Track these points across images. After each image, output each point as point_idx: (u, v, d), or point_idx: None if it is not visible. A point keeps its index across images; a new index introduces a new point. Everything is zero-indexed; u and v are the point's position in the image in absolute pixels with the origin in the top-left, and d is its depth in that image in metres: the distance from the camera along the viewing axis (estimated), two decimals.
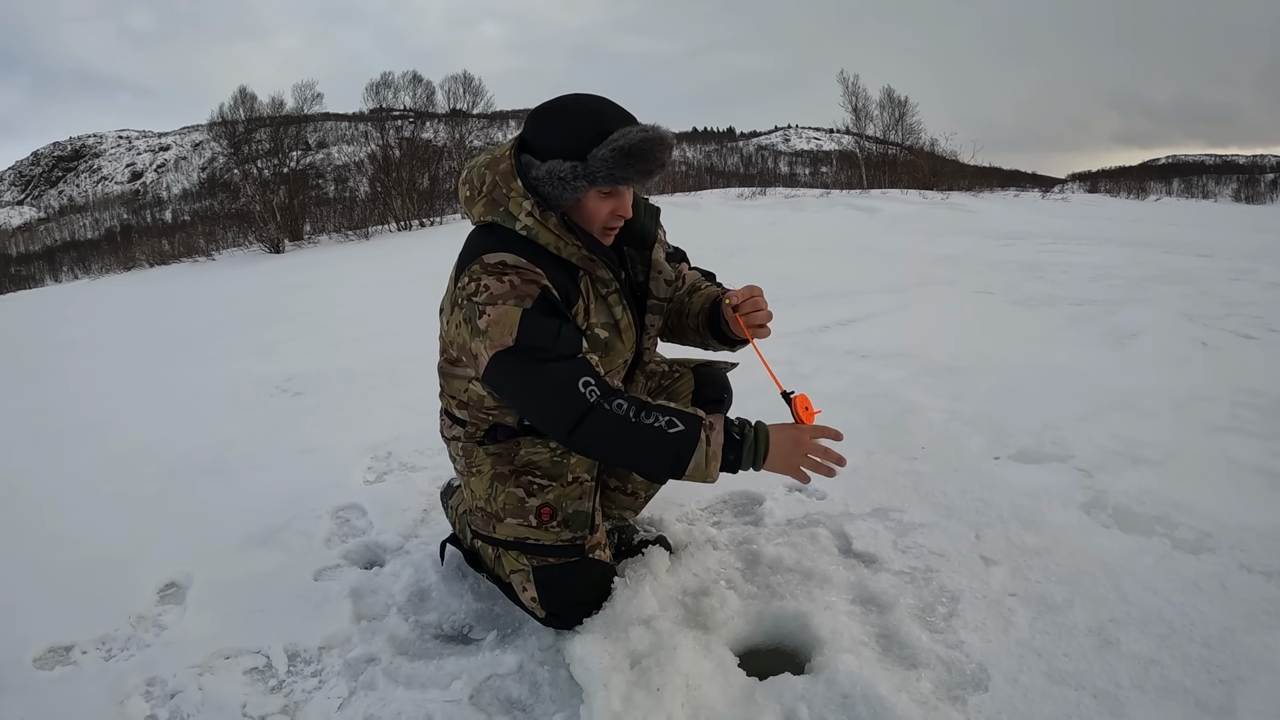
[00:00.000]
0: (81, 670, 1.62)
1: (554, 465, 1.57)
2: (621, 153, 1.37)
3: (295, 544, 2.07)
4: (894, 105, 22.44)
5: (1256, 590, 1.59)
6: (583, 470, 1.58)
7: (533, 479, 1.56)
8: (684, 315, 1.74)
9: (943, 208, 12.25)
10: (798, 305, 4.81)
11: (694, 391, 1.76)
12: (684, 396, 1.75)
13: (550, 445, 1.57)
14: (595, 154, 1.38)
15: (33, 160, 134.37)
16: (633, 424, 1.34)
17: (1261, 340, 3.49)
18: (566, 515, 1.54)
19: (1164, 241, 7.55)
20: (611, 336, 1.54)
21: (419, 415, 2.99)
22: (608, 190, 1.43)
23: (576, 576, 1.54)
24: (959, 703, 1.34)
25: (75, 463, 2.95)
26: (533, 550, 1.54)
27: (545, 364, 1.36)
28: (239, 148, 16.97)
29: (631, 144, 1.37)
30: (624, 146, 1.37)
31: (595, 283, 1.51)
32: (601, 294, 1.52)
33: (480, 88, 18.88)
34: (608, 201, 1.45)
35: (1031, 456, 2.30)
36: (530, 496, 1.55)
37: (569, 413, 1.35)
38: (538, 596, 1.54)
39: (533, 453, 1.57)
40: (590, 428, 1.35)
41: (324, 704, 1.47)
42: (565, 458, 1.57)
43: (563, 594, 1.54)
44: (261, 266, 12.50)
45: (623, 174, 1.38)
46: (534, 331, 1.37)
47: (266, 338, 5.35)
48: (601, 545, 1.60)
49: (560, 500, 1.55)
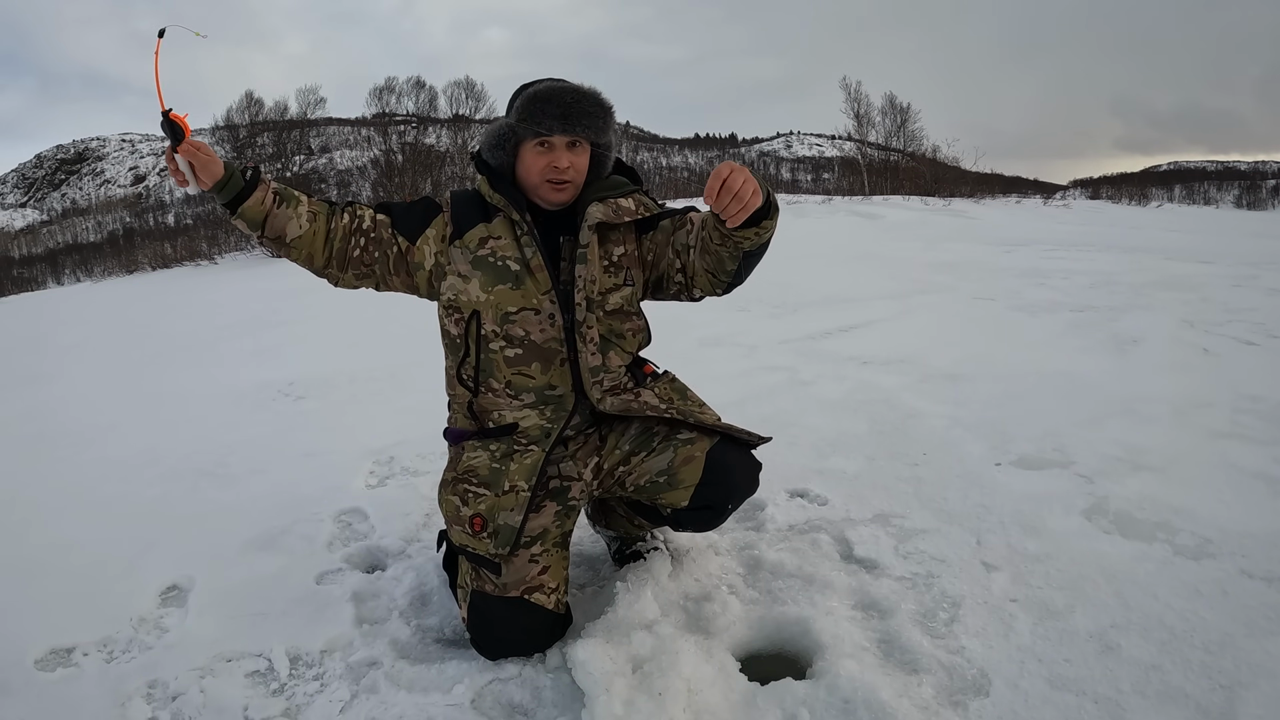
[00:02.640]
0: (83, 672, 1.62)
1: (491, 472, 1.57)
2: (530, 99, 1.52)
3: (297, 547, 2.07)
4: (896, 111, 22.52)
5: (1257, 596, 1.60)
6: (521, 478, 1.55)
7: (469, 487, 1.58)
8: (705, 237, 1.55)
9: (944, 214, 12.27)
10: (799, 311, 4.82)
11: (696, 486, 1.56)
12: (685, 486, 1.56)
13: (490, 449, 1.59)
14: (514, 106, 1.55)
15: (35, 163, 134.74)
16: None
17: (1262, 346, 3.50)
18: (496, 527, 1.53)
19: (1165, 248, 7.56)
20: (521, 270, 1.57)
21: (421, 420, 2.99)
22: (540, 143, 1.54)
23: (503, 615, 1.53)
24: (960, 708, 1.34)
25: (77, 465, 2.95)
26: (470, 558, 1.56)
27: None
28: (242, 152, 17.03)
29: (538, 90, 1.52)
30: (532, 93, 1.52)
31: (512, 225, 1.59)
32: (515, 234, 1.59)
33: (483, 93, 19.00)
34: (542, 156, 1.55)
35: (1033, 463, 2.31)
36: (464, 505, 1.57)
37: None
38: (466, 618, 1.58)
39: (473, 458, 1.60)
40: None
41: (326, 707, 1.47)
42: (504, 463, 1.57)
43: (487, 625, 1.54)
44: (264, 270, 12.51)
45: (535, 119, 1.51)
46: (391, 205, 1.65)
47: (269, 341, 5.35)
48: (544, 588, 1.54)
49: (492, 511, 1.54)
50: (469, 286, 1.57)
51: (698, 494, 1.56)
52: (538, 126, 1.51)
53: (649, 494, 1.60)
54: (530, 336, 1.56)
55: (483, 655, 1.55)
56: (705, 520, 1.61)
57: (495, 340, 1.56)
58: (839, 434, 2.63)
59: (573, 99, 1.51)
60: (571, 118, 1.51)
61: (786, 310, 4.86)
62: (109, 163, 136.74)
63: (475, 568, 1.56)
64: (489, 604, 1.54)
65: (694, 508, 1.57)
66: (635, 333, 1.66)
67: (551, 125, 1.51)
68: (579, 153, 1.56)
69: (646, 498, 1.62)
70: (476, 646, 1.57)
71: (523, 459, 1.56)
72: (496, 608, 1.53)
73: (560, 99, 1.50)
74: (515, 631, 1.53)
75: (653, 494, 1.60)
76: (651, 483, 1.59)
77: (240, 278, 11.53)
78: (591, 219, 1.56)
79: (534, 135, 1.53)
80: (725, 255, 1.51)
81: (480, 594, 1.55)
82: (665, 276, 1.66)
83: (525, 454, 1.57)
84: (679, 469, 1.56)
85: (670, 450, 1.58)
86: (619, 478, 1.63)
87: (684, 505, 1.57)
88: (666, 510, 1.62)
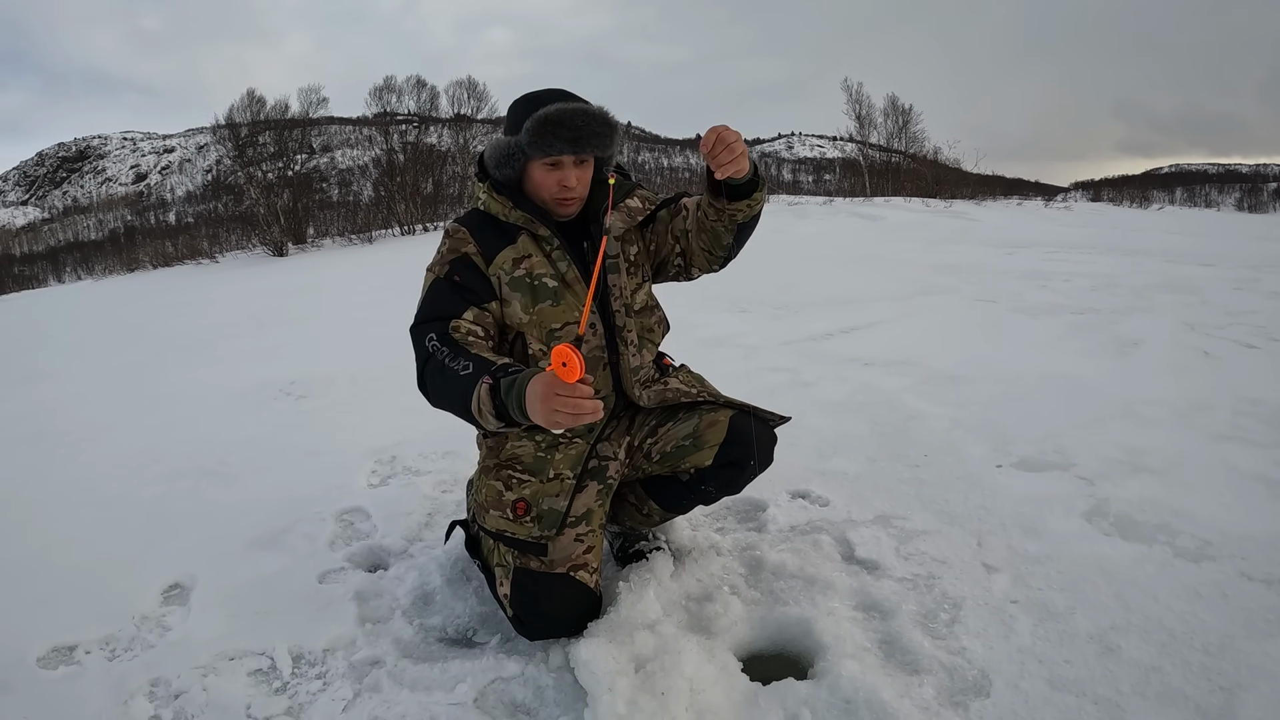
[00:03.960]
0: (85, 670, 1.63)
1: (536, 461, 1.62)
2: (540, 122, 1.51)
3: (299, 546, 2.08)
4: (898, 113, 22.51)
5: (1257, 598, 1.60)
6: (566, 467, 1.61)
7: (513, 473, 1.62)
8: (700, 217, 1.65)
9: (946, 216, 12.27)
10: (800, 312, 4.82)
11: (721, 445, 1.66)
12: (710, 446, 1.66)
13: (535, 440, 1.63)
14: (525, 126, 1.53)
15: (37, 161, 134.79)
16: (446, 368, 1.42)
17: (1263, 350, 3.50)
18: (540, 511, 1.57)
19: (1166, 250, 7.56)
20: (559, 286, 1.60)
21: (423, 420, 2.99)
22: (550, 162, 1.56)
23: (550, 588, 1.55)
24: (961, 708, 1.35)
25: (77, 464, 2.96)
26: (509, 543, 1.58)
27: (423, 329, 1.52)
28: (243, 150, 17.02)
29: (549, 114, 1.51)
30: (543, 116, 1.52)
31: (538, 240, 1.61)
32: (545, 250, 1.61)
33: (484, 93, 18.94)
34: (552, 174, 1.57)
35: (1033, 465, 2.31)
36: (508, 490, 1.60)
37: (419, 363, 1.49)
38: (509, 594, 1.57)
39: (517, 447, 1.64)
40: (428, 373, 1.47)
41: (329, 706, 1.47)
42: (550, 453, 1.62)
43: (532, 600, 1.55)
44: (265, 269, 12.53)
45: (545, 141, 1.52)
46: (432, 298, 1.56)
47: (270, 340, 5.36)
48: (588, 567, 1.58)
49: (536, 496, 1.58)
50: (509, 310, 1.60)
51: (722, 452, 1.65)
52: (549, 150, 1.53)
53: (674, 460, 1.69)
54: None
55: (523, 635, 1.58)
56: (729, 479, 1.70)
57: (543, 359, 1.60)
58: (840, 435, 2.63)
59: (583, 121, 1.53)
60: (582, 140, 1.54)
61: (788, 311, 4.87)
62: (110, 161, 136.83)
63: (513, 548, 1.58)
64: (535, 579, 1.55)
65: (719, 465, 1.66)
66: (659, 324, 1.77)
67: (563, 149, 1.54)
68: (585, 168, 1.61)
69: (671, 465, 1.70)
70: (518, 623, 1.57)
71: (567, 450, 1.62)
72: (544, 582, 1.55)
73: (572, 122, 1.52)
74: (562, 607, 1.55)
75: (678, 459, 1.68)
76: (678, 447, 1.68)
77: (242, 276, 11.53)
78: (616, 230, 1.64)
79: (545, 156, 1.55)
80: (721, 230, 1.61)
81: (525, 570, 1.56)
82: (665, 261, 1.75)
83: (570, 446, 1.63)
84: (704, 431, 1.66)
85: (695, 417, 1.68)
86: (646, 450, 1.72)
87: (709, 465, 1.66)
88: (690, 473, 1.69)
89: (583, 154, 1.57)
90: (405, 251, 12.59)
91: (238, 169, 17.38)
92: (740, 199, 1.53)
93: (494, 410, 1.33)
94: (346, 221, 18.69)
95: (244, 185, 17.06)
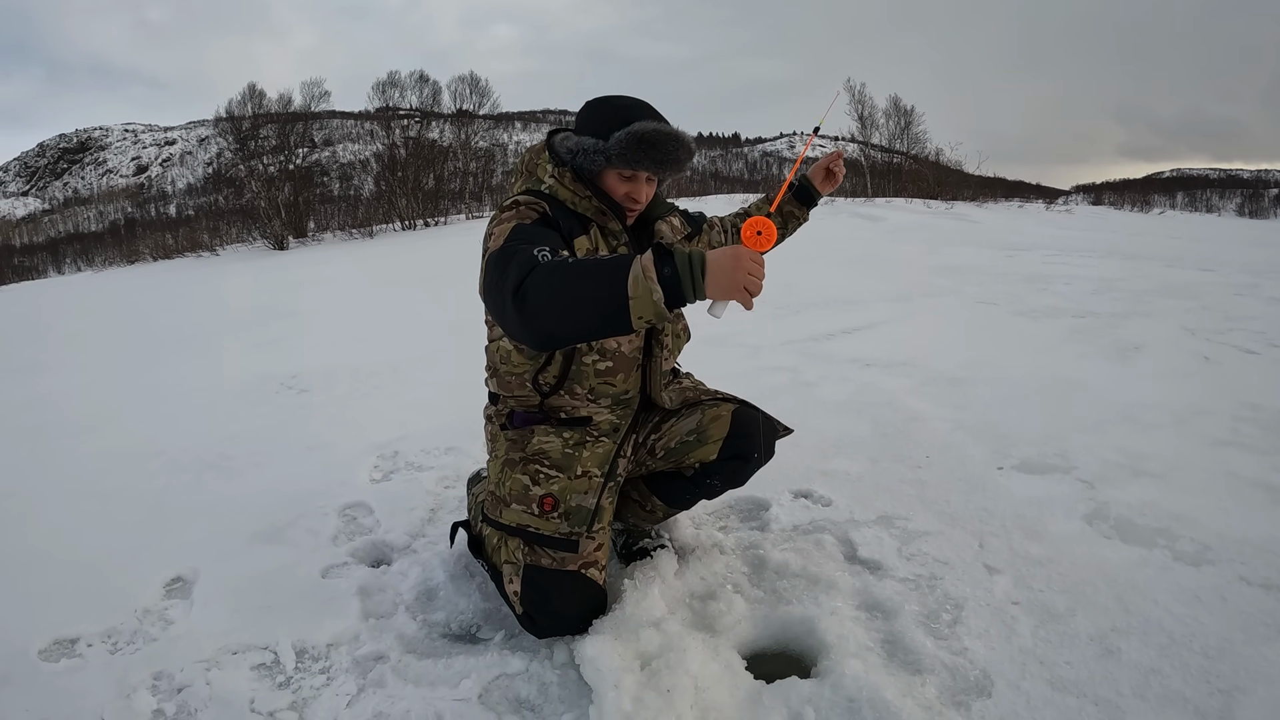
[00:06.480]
0: (87, 663, 1.62)
1: (564, 457, 1.62)
2: (634, 137, 1.54)
3: (302, 541, 2.08)
4: (900, 114, 22.50)
5: (1256, 602, 1.61)
6: (594, 465, 1.62)
7: (540, 468, 1.62)
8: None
9: (947, 217, 12.27)
10: (801, 313, 4.83)
11: (725, 439, 1.71)
12: (714, 440, 1.71)
13: (563, 435, 1.64)
14: (615, 135, 1.55)
15: (38, 152, 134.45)
16: (573, 265, 1.29)
17: (1263, 355, 3.51)
18: (569, 508, 1.57)
19: (1167, 255, 7.57)
20: None
21: (425, 415, 3.01)
22: (627, 174, 1.59)
23: (561, 585, 1.55)
24: (963, 708, 1.36)
25: (78, 456, 2.96)
26: (532, 539, 1.57)
27: (519, 249, 1.38)
28: (245, 143, 16.99)
29: (645, 132, 1.54)
30: (638, 132, 1.54)
31: (606, 234, 1.63)
32: (611, 245, 1.64)
33: (487, 89, 18.93)
34: (625, 184, 1.61)
35: (1034, 467, 2.32)
36: (535, 485, 1.60)
37: (519, 272, 1.32)
38: (520, 592, 1.57)
39: (544, 441, 1.64)
40: (537, 275, 1.30)
41: (332, 701, 1.48)
42: (577, 450, 1.62)
43: (544, 597, 1.55)
44: (266, 263, 12.52)
45: (634, 157, 1.55)
46: (521, 234, 1.44)
47: (271, 334, 5.36)
48: (598, 565, 1.60)
49: (565, 492, 1.59)
50: None
51: (726, 445, 1.70)
52: (636, 165, 1.57)
53: (679, 455, 1.73)
54: (621, 348, 1.64)
55: (531, 632, 1.58)
56: (734, 471, 1.74)
57: (589, 354, 1.63)
58: (842, 435, 2.64)
59: (674, 147, 1.56)
60: (668, 164, 1.58)
61: (790, 311, 4.87)
62: (111, 152, 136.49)
63: (531, 544, 1.58)
64: (546, 576, 1.56)
65: (723, 458, 1.71)
66: (684, 330, 1.83)
67: (650, 167, 1.58)
68: (654, 184, 1.66)
69: (675, 460, 1.74)
70: (528, 621, 1.58)
71: (595, 448, 1.64)
72: (555, 579, 1.55)
73: (664, 145, 1.55)
74: (573, 604, 1.56)
75: (683, 454, 1.73)
76: (682, 443, 1.73)
77: (242, 269, 11.52)
78: (666, 239, 1.73)
79: (629, 169, 1.58)
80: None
81: (536, 567, 1.57)
82: None
83: (597, 444, 1.64)
84: (708, 426, 1.71)
85: (699, 413, 1.73)
86: (650, 445, 1.75)
87: (713, 458, 1.71)
88: (695, 467, 1.73)
89: (664, 175, 1.62)
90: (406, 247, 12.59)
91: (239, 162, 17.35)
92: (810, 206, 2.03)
93: (660, 278, 1.23)
94: (347, 216, 18.68)
95: (245, 178, 17.04)
